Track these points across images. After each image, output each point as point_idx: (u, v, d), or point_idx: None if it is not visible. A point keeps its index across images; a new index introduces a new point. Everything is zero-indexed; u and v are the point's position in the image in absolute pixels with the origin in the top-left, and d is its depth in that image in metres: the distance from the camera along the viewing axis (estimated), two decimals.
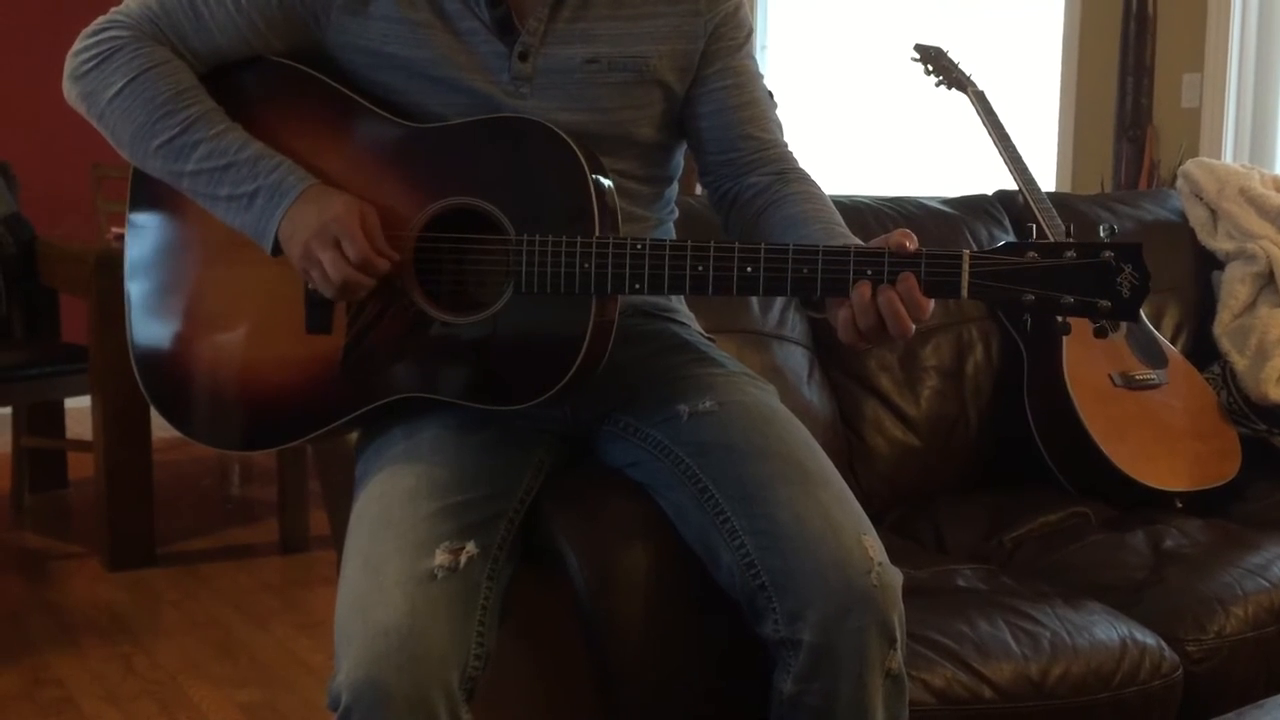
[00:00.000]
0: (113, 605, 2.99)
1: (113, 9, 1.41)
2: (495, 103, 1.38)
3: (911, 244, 1.23)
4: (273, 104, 1.41)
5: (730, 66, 1.47)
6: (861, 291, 1.23)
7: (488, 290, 1.33)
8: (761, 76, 1.53)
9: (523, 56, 1.38)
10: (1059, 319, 1.26)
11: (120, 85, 1.35)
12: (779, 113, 1.55)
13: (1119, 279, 1.21)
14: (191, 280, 1.42)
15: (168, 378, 1.42)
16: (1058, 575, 1.76)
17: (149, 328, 1.43)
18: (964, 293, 1.23)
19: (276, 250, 1.32)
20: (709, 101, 1.47)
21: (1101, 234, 1.24)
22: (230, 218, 1.34)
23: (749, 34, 1.50)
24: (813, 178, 1.49)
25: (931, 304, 1.24)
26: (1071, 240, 1.23)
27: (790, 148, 1.52)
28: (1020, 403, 2.14)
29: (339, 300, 1.33)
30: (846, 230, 1.38)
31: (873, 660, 1.24)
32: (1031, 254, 1.22)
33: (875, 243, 1.26)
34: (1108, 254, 1.21)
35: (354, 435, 1.49)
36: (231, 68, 1.41)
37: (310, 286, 1.33)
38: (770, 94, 1.57)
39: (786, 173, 1.48)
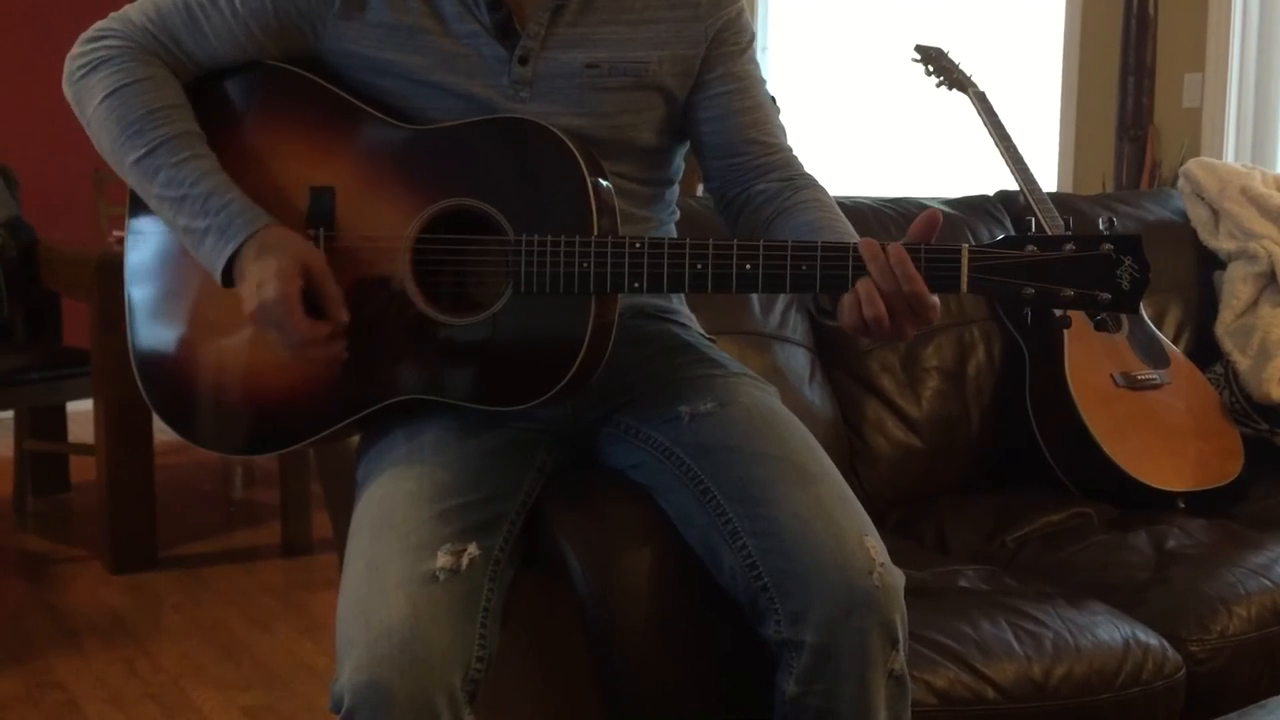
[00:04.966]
0: (115, 608, 2.99)
1: (111, 15, 1.41)
2: (494, 107, 1.37)
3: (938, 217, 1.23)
4: (270, 108, 1.41)
5: (732, 72, 1.47)
6: (865, 284, 1.23)
7: (487, 291, 1.33)
8: (764, 81, 1.53)
9: (523, 60, 1.38)
10: (1059, 312, 1.26)
11: (101, 97, 1.36)
12: (782, 118, 1.54)
13: (1119, 271, 1.21)
14: (192, 285, 1.41)
15: (169, 382, 1.42)
16: (1060, 575, 1.76)
17: (150, 333, 1.43)
18: (963, 286, 1.22)
19: (229, 284, 1.33)
20: (711, 107, 1.47)
21: (1100, 227, 1.24)
22: (189, 247, 1.35)
23: (751, 39, 1.50)
24: (820, 183, 1.49)
25: (937, 303, 1.23)
26: (1071, 233, 1.22)
27: (795, 152, 1.52)
28: (1022, 403, 2.14)
29: None
30: (857, 238, 1.38)
31: (875, 661, 1.24)
32: (1030, 247, 1.21)
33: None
34: (1107, 246, 1.21)
35: (355, 438, 1.49)
36: (228, 72, 1.40)
37: None
38: (773, 99, 1.56)
39: (795, 179, 1.48)
